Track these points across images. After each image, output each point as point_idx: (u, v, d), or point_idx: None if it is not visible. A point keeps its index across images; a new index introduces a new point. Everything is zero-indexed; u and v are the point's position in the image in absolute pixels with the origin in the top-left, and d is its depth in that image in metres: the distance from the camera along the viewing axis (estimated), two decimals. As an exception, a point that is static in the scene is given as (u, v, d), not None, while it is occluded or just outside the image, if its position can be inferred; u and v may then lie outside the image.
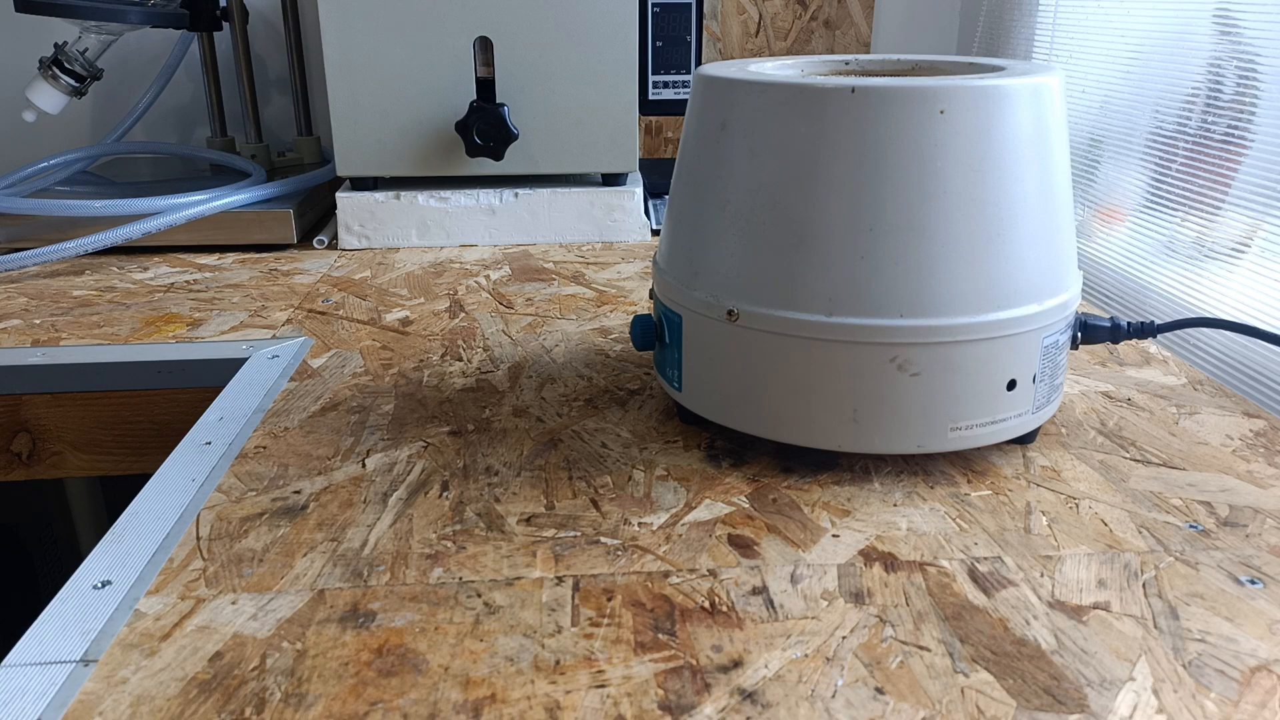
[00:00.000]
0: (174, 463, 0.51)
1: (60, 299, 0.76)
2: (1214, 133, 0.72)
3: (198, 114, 1.17)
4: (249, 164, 0.99)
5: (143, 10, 0.91)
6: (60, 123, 1.04)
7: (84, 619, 0.38)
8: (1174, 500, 0.46)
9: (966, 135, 0.43)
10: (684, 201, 0.50)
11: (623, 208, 0.91)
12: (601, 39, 0.86)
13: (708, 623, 0.38)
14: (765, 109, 0.45)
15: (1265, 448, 0.51)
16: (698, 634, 0.37)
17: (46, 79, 0.91)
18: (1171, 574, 0.41)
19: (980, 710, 0.33)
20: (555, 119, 0.88)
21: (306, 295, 0.77)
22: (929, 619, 0.38)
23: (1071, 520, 0.45)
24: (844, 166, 0.44)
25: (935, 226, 0.44)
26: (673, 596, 0.39)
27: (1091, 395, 0.58)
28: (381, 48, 0.84)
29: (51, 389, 0.65)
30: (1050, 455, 0.50)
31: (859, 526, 0.44)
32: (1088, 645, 0.36)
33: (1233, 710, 0.33)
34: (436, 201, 0.90)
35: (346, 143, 0.87)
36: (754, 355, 0.47)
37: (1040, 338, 0.47)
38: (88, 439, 0.67)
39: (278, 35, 1.14)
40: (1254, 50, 0.68)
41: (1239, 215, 0.70)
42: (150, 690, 0.34)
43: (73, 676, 0.35)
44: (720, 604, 0.39)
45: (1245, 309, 0.68)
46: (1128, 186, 0.84)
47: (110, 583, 0.40)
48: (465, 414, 0.55)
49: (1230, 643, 0.37)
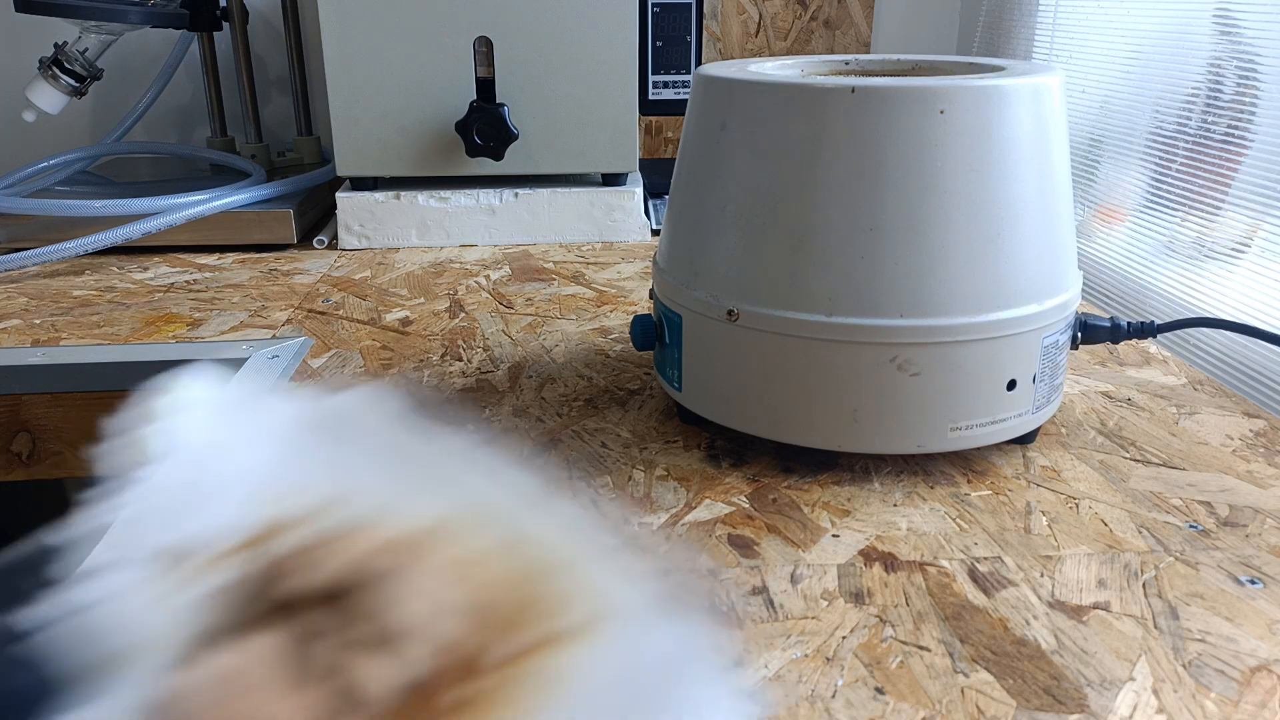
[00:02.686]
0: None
1: (60, 299, 0.76)
2: (1214, 133, 0.72)
3: (197, 114, 1.17)
4: (249, 164, 0.99)
5: (143, 10, 0.91)
6: (60, 123, 1.04)
7: (84, 619, 0.38)
8: (1174, 500, 0.46)
9: (966, 135, 0.43)
10: (684, 201, 0.50)
11: (623, 208, 0.91)
12: (601, 39, 0.86)
13: (708, 623, 0.38)
14: (765, 109, 0.45)
15: (1265, 448, 0.51)
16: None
17: (46, 79, 0.91)
18: (1171, 574, 0.41)
19: (980, 710, 0.33)
20: (555, 119, 0.88)
21: (306, 295, 0.77)
22: (929, 619, 0.38)
23: (1071, 520, 0.45)
24: (844, 166, 0.44)
25: (935, 226, 0.44)
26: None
27: (1091, 395, 0.58)
28: (381, 48, 0.84)
29: (51, 389, 0.65)
30: (1050, 455, 0.50)
31: (859, 526, 0.44)
32: (1088, 645, 0.36)
33: (1233, 710, 0.33)
34: (436, 201, 0.90)
35: (346, 143, 0.87)
36: (754, 355, 0.47)
37: (1040, 338, 0.47)
38: (88, 439, 0.67)
39: (278, 35, 1.14)
40: (1254, 50, 0.68)
41: (1239, 215, 0.70)
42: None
43: (73, 676, 0.35)
44: (720, 604, 0.39)
45: (1245, 309, 0.68)
46: (1128, 186, 0.84)
47: (110, 583, 0.40)
48: (465, 414, 0.55)
49: (1230, 643, 0.37)
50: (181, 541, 0.22)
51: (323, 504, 0.22)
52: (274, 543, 0.22)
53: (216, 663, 0.19)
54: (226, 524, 0.22)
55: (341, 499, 0.22)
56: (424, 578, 0.20)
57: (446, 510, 0.22)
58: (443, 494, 0.22)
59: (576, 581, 0.20)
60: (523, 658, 0.19)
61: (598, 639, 0.19)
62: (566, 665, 0.19)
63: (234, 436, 0.24)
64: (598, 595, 0.20)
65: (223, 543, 0.22)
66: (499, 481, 0.22)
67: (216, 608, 0.21)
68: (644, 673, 0.18)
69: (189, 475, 0.23)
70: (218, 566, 0.21)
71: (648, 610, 0.19)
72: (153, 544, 0.22)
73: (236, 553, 0.22)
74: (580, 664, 0.19)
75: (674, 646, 0.19)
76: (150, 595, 0.21)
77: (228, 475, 0.23)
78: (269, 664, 0.19)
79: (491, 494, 0.22)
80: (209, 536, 0.22)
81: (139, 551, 0.22)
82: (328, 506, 0.22)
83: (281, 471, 0.23)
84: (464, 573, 0.20)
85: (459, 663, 0.19)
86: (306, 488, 0.23)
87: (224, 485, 0.23)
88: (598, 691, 0.18)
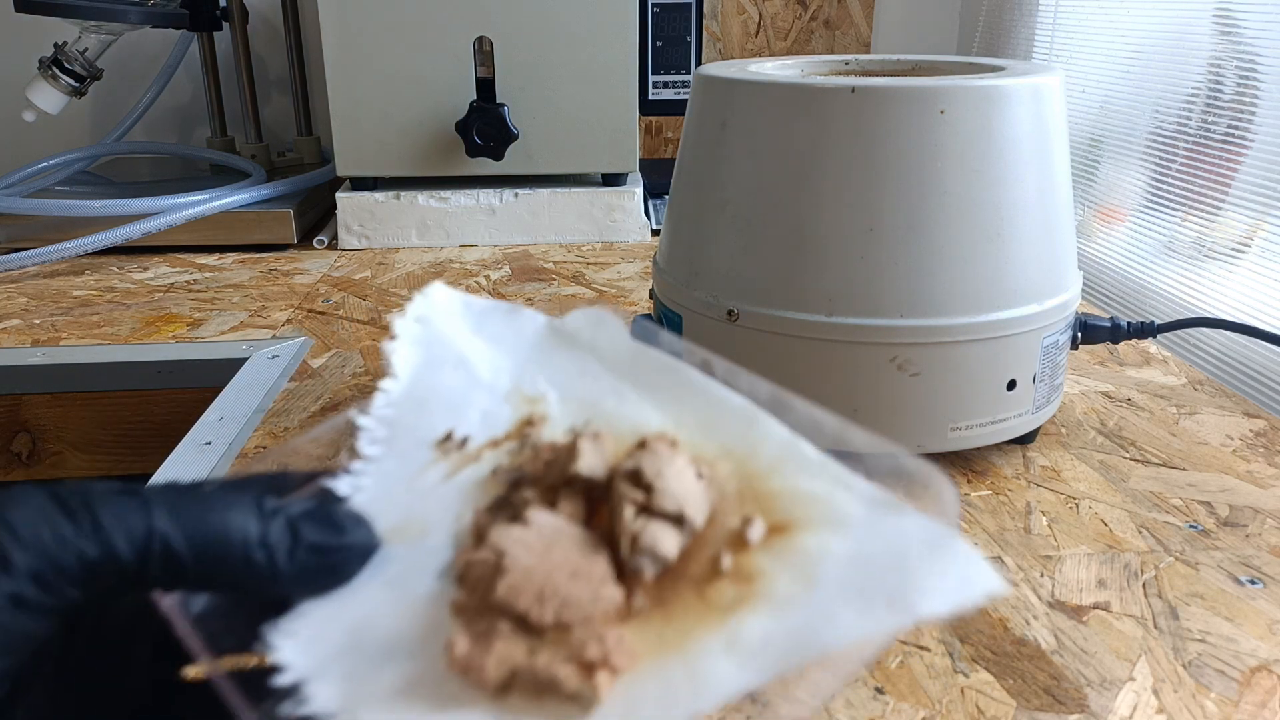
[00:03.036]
0: (174, 463, 0.51)
1: (60, 299, 0.76)
2: (1214, 133, 0.72)
3: (197, 114, 1.17)
4: (249, 164, 0.99)
5: (142, 10, 0.91)
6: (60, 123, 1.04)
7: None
8: (1174, 500, 0.46)
9: (966, 135, 0.43)
10: (684, 201, 0.50)
11: (623, 208, 0.91)
12: (601, 39, 0.86)
13: (708, 623, 0.38)
14: (765, 109, 0.45)
15: (1265, 448, 0.51)
16: (698, 634, 0.37)
17: (46, 79, 0.91)
18: (1171, 574, 0.41)
19: (980, 710, 0.33)
20: (555, 119, 0.88)
21: (306, 295, 0.77)
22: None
23: (1071, 520, 0.45)
24: (844, 166, 0.44)
25: (935, 226, 0.44)
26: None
27: (1091, 395, 0.58)
28: (381, 47, 0.84)
29: (51, 389, 0.65)
30: (1050, 455, 0.50)
31: (859, 526, 0.44)
32: (1088, 645, 0.36)
33: (1233, 710, 0.33)
34: (436, 201, 0.90)
35: (346, 142, 0.87)
36: (754, 355, 0.47)
37: (1040, 338, 0.47)
38: (88, 439, 0.67)
39: (278, 35, 1.14)
40: (1254, 50, 0.68)
41: (1239, 215, 0.70)
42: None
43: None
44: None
45: (1245, 309, 0.68)
46: (1128, 186, 0.84)
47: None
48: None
49: (1230, 643, 0.37)
50: (454, 432, 0.25)
51: (572, 404, 0.26)
52: (535, 434, 0.25)
53: (533, 519, 0.22)
54: (489, 419, 0.25)
55: (587, 402, 0.26)
56: (680, 468, 0.22)
57: (681, 416, 0.25)
58: (674, 403, 0.25)
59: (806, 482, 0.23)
60: (776, 537, 0.21)
61: (840, 527, 0.21)
62: (816, 545, 0.21)
63: (482, 346, 0.27)
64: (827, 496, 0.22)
65: (489, 434, 0.25)
66: (719, 396, 0.25)
67: (498, 485, 0.24)
68: (886, 551, 0.20)
69: (448, 378, 0.26)
70: (488, 453, 0.25)
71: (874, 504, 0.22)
72: (427, 435, 0.25)
73: (503, 442, 0.25)
74: (829, 545, 0.21)
75: (907, 530, 0.21)
76: (436, 474, 0.24)
77: (482, 379, 0.26)
78: (569, 527, 0.22)
79: (715, 407, 0.25)
80: (475, 429, 0.25)
81: (416, 440, 0.25)
82: (576, 407, 0.26)
83: (530, 377, 0.27)
84: (710, 470, 0.23)
85: (730, 536, 0.21)
86: (554, 390, 0.26)
87: (480, 387, 0.26)
88: (849, 563, 0.20)
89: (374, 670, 0.20)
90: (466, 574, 0.21)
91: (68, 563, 0.19)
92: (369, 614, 0.21)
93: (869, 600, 0.19)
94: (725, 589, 0.21)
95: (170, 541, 0.20)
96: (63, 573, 0.19)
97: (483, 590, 0.21)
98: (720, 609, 0.20)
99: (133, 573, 0.20)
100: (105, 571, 0.19)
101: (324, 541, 0.21)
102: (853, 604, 0.20)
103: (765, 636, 0.20)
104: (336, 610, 0.21)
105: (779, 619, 0.20)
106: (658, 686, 0.19)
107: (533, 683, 0.19)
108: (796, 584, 0.20)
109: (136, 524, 0.20)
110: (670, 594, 0.21)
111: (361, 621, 0.21)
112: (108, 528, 0.19)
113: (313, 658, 0.20)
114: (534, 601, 0.20)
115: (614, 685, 0.19)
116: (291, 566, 0.21)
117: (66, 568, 0.19)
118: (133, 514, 0.20)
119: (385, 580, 0.22)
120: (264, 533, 0.21)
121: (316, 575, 0.21)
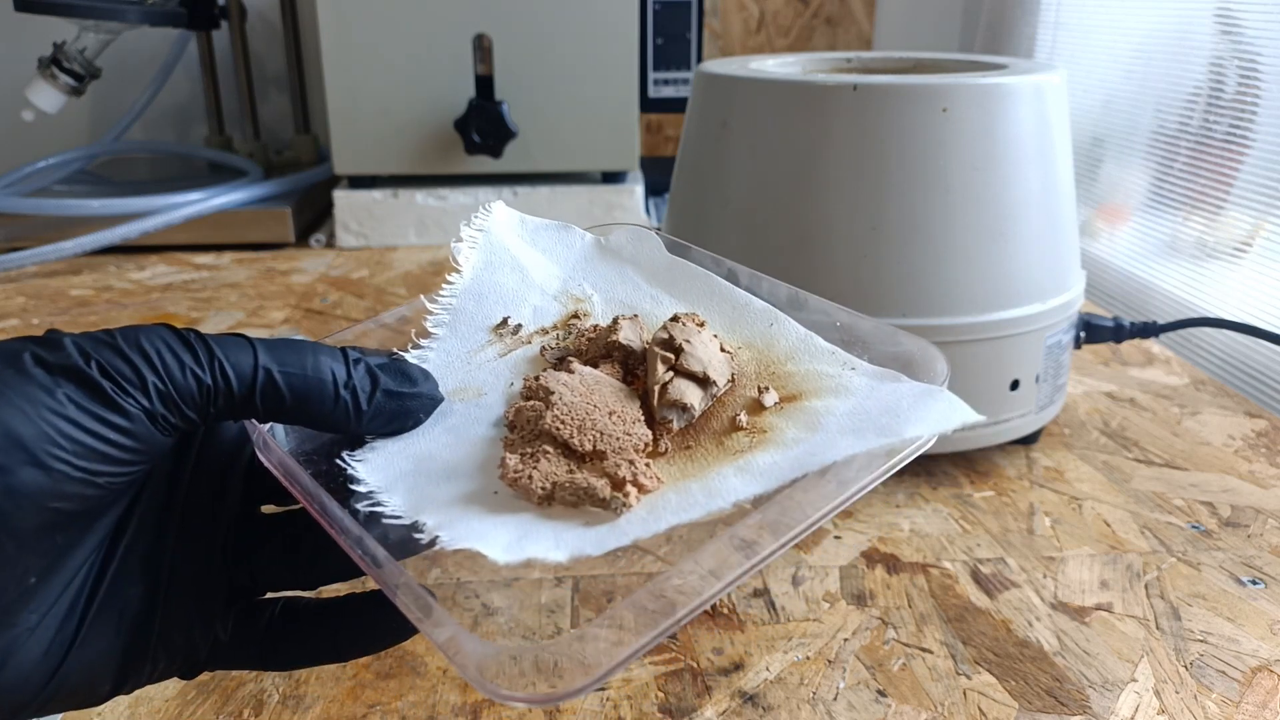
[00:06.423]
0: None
1: (58, 299, 0.76)
2: (1216, 132, 0.72)
3: (195, 113, 1.17)
4: (246, 162, 0.99)
5: (141, 9, 0.90)
6: (59, 122, 1.03)
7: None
8: (1176, 501, 0.46)
9: (969, 133, 0.43)
10: (684, 199, 0.50)
11: (623, 206, 0.91)
12: (601, 36, 0.85)
13: (709, 625, 0.37)
14: (766, 106, 0.45)
15: (1267, 448, 0.51)
16: (698, 636, 0.37)
17: (45, 78, 0.91)
18: (1174, 574, 0.41)
19: (982, 712, 0.33)
20: (554, 117, 0.88)
21: (304, 294, 0.77)
22: (931, 621, 0.38)
23: (1074, 521, 0.44)
24: (846, 165, 0.44)
25: (938, 225, 0.43)
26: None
27: (1095, 395, 0.57)
28: (380, 45, 0.84)
29: (49, 388, 0.65)
30: (1053, 456, 0.50)
31: (861, 528, 0.44)
32: (1090, 646, 0.36)
33: (1234, 710, 0.33)
34: (435, 200, 0.89)
35: (344, 141, 0.87)
36: (755, 355, 0.46)
37: (1043, 337, 0.47)
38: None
39: (276, 33, 1.13)
40: (1255, 50, 0.68)
41: (1241, 214, 0.70)
42: (149, 691, 0.34)
43: (69, 679, 0.35)
44: (721, 606, 0.38)
45: (1247, 309, 0.68)
46: (1130, 186, 0.84)
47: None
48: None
49: (1232, 643, 0.36)
50: (509, 319, 0.29)
51: (613, 305, 0.30)
52: (580, 324, 0.29)
53: (578, 369, 0.26)
54: (540, 313, 0.29)
55: (627, 304, 0.30)
56: (706, 338, 0.26)
57: (709, 316, 0.28)
58: (703, 306, 0.29)
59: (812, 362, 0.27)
60: (788, 403, 0.25)
61: (844, 394, 0.25)
62: (822, 406, 0.24)
63: (536, 255, 0.31)
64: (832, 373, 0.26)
65: (539, 324, 0.29)
66: (743, 300, 0.29)
67: (545, 361, 0.28)
68: (881, 404, 0.24)
69: (505, 278, 0.30)
70: (537, 338, 0.29)
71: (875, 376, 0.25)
72: (485, 322, 0.29)
73: (552, 331, 0.29)
74: (833, 406, 0.24)
75: (901, 390, 0.25)
76: (491, 353, 0.28)
77: (535, 281, 0.30)
78: (609, 379, 0.26)
79: (739, 309, 0.29)
80: (527, 320, 0.29)
81: (475, 325, 0.29)
82: (617, 308, 0.30)
83: (577, 282, 0.31)
84: (734, 352, 0.27)
85: (747, 402, 0.25)
86: (598, 294, 0.30)
87: (532, 287, 0.30)
88: (849, 415, 0.24)
89: (435, 487, 0.24)
90: (516, 420, 0.25)
91: (189, 388, 0.22)
92: (432, 449, 0.25)
93: (863, 432, 0.23)
94: (741, 438, 0.24)
95: (273, 376, 0.23)
96: (185, 396, 0.22)
97: (531, 427, 0.25)
98: (735, 452, 0.24)
99: (240, 402, 0.22)
100: (218, 398, 0.22)
101: (399, 389, 0.25)
102: (849, 435, 0.23)
103: (772, 462, 0.23)
104: (404, 446, 0.25)
105: (785, 452, 0.23)
106: (677, 496, 0.23)
107: (571, 494, 0.23)
108: (802, 431, 0.24)
109: (245, 360, 0.22)
110: (693, 442, 0.25)
111: (425, 454, 0.25)
112: (222, 359, 0.22)
113: (383, 477, 0.24)
114: (575, 431, 0.24)
115: (640, 501, 0.22)
116: (370, 408, 0.24)
117: (188, 393, 0.22)
118: (242, 351, 0.22)
119: (446, 427, 0.26)
120: (349, 376, 0.24)
121: (391, 418, 0.25)
